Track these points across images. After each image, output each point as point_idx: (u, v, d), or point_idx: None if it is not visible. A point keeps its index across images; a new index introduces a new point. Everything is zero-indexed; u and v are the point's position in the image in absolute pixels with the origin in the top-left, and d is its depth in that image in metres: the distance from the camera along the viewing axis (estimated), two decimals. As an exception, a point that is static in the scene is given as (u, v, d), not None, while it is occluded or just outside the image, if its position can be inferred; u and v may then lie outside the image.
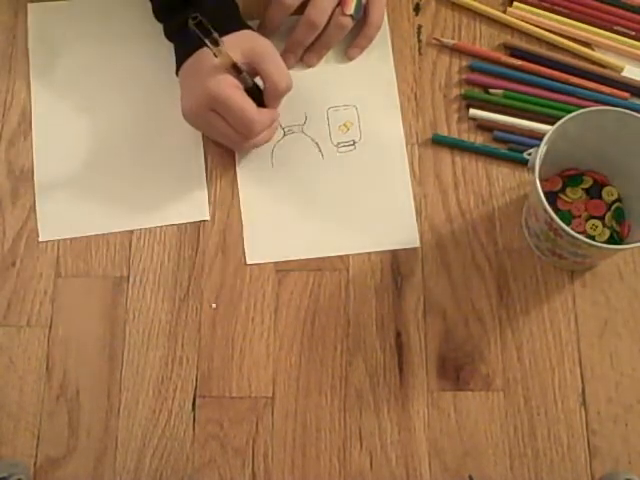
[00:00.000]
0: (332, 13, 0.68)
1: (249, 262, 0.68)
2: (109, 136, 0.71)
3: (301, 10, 0.68)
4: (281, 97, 0.66)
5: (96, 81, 0.72)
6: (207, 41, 0.58)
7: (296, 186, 0.70)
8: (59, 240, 0.69)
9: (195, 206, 0.69)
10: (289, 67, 0.69)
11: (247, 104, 0.63)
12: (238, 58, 0.62)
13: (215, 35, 0.58)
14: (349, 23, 0.69)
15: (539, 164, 0.58)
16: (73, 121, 0.71)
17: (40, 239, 0.68)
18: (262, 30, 0.70)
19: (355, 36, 0.71)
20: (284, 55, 0.70)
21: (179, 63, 0.66)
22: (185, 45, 0.65)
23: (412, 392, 0.64)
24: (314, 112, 0.71)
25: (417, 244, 0.67)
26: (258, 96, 0.65)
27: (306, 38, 0.69)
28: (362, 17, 0.70)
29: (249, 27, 0.66)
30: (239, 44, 0.63)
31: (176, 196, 0.69)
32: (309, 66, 0.72)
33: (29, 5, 0.75)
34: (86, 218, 0.69)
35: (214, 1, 0.64)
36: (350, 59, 0.72)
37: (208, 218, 0.69)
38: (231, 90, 0.62)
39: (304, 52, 0.71)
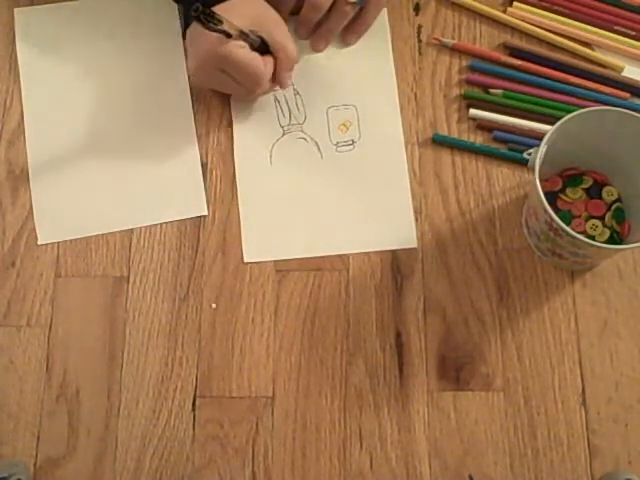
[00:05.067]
0: None
1: (246, 260, 0.68)
2: (102, 135, 0.71)
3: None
4: (293, 66, 0.69)
5: (88, 81, 0.72)
6: (213, 26, 0.60)
7: (294, 185, 0.70)
8: (59, 240, 0.69)
9: (193, 202, 0.69)
10: (301, 38, 0.72)
11: (255, 60, 0.65)
12: (246, 24, 0.63)
13: (218, 16, 0.60)
14: (351, 10, 0.69)
15: (539, 164, 0.58)
16: (66, 122, 0.71)
17: (39, 242, 0.69)
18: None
19: (352, 21, 0.71)
20: (297, 28, 0.72)
21: (187, 25, 0.67)
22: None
23: (412, 392, 0.64)
24: (314, 111, 0.71)
25: (415, 244, 0.67)
26: (264, 49, 0.66)
27: (312, 17, 0.70)
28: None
29: None
30: (248, 12, 0.64)
31: (173, 193, 0.70)
32: (317, 51, 0.73)
33: (15, 10, 0.74)
34: (83, 219, 0.69)
35: None
36: (347, 45, 0.73)
37: (206, 213, 0.69)
38: (238, 50, 0.63)
39: (311, 38, 0.72)
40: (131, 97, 0.72)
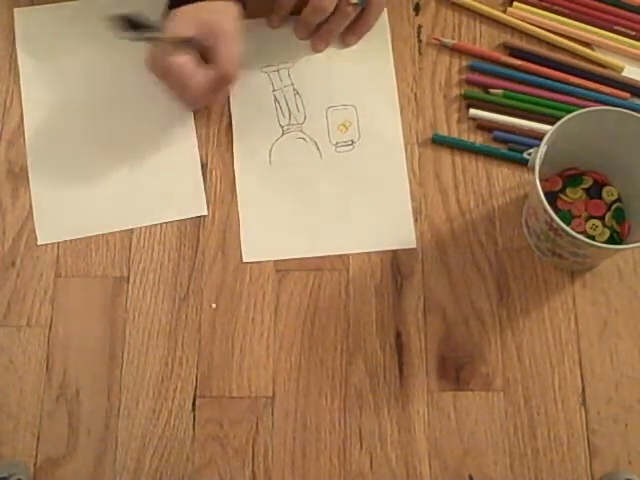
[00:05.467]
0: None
1: (245, 260, 0.68)
2: (102, 136, 0.71)
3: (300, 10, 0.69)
4: (224, 86, 0.67)
5: (88, 81, 0.72)
6: (144, 35, 0.58)
7: (294, 185, 0.70)
8: (59, 240, 0.69)
9: (193, 202, 0.69)
10: (300, 39, 0.72)
11: (182, 69, 0.62)
12: (190, 31, 0.62)
13: (154, 25, 0.59)
14: (352, 11, 0.69)
15: (539, 164, 0.58)
16: (66, 122, 0.71)
17: (39, 242, 0.69)
18: (273, 18, 0.72)
19: (353, 22, 0.71)
20: (297, 28, 0.72)
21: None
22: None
23: (412, 392, 0.64)
24: (313, 111, 0.71)
25: (414, 245, 0.67)
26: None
27: (313, 19, 0.70)
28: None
29: None
30: (201, 17, 0.63)
31: (173, 193, 0.70)
32: (317, 52, 0.72)
33: (15, 10, 0.74)
34: (83, 219, 0.69)
35: None
36: (347, 45, 0.72)
37: (206, 213, 0.69)
38: (166, 56, 0.62)
39: (312, 39, 0.72)
40: (131, 97, 0.72)
